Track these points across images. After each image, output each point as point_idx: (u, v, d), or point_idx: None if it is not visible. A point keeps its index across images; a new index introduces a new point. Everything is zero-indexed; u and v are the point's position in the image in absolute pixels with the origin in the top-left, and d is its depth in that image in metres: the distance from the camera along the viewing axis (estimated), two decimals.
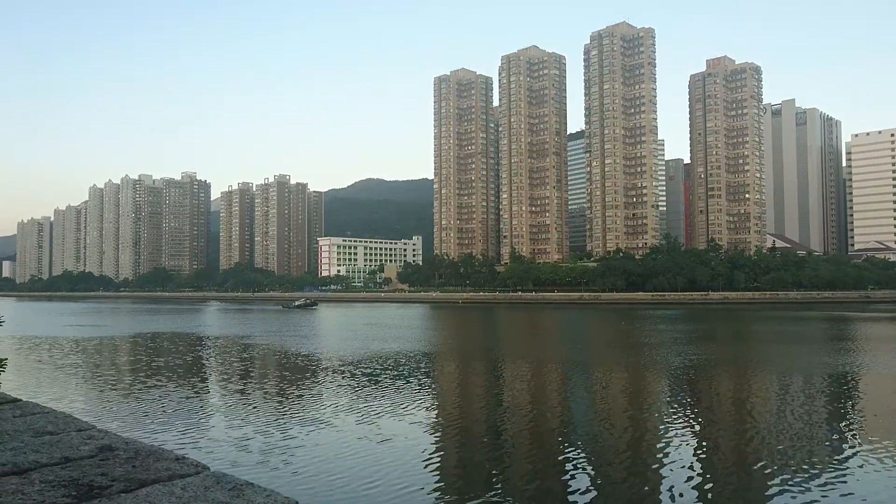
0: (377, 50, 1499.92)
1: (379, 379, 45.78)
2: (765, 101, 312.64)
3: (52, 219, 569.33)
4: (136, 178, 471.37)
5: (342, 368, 51.61)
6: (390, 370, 50.26)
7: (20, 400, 4.61)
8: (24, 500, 2.74)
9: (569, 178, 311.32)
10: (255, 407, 35.81)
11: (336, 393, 39.95)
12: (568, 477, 22.92)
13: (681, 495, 20.48)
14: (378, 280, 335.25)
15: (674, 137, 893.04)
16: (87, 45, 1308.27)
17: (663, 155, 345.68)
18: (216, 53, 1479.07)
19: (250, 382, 45.80)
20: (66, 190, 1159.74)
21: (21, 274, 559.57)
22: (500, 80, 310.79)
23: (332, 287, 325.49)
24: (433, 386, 45.30)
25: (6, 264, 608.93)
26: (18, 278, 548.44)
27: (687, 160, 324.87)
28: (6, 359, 20.76)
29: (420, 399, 38.22)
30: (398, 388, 41.62)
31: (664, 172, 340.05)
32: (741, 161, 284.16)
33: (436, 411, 35.39)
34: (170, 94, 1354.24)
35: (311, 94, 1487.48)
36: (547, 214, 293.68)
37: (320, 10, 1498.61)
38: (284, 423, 31.08)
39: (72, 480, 2.97)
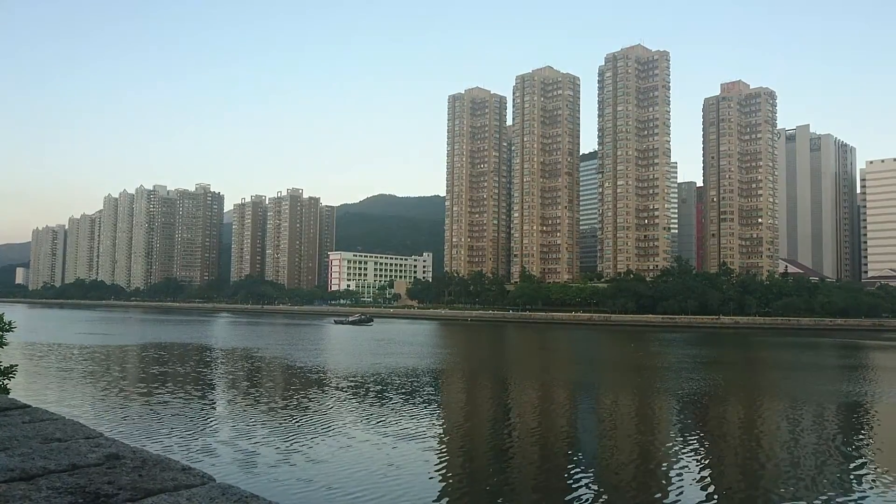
0: (393, 67, 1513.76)
1: (386, 394, 45.68)
2: (779, 126, 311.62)
3: (66, 227, 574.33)
4: (151, 188, 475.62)
5: (350, 383, 51.56)
6: (398, 386, 50.14)
7: (29, 406, 4.69)
8: None
9: (580, 198, 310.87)
10: (261, 419, 35.82)
11: (342, 407, 39.90)
12: (573, 499, 22.73)
13: None
14: (388, 296, 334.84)
15: (687, 160, 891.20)
16: (104, 57, 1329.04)
17: (676, 177, 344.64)
18: (233, 68, 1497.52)
19: (257, 394, 45.83)
20: (81, 199, 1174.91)
21: (34, 281, 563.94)
22: (513, 100, 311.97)
23: (342, 301, 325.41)
24: (440, 403, 45.16)
25: (20, 271, 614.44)
26: (31, 285, 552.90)
27: (700, 183, 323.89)
28: (17, 365, 20.95)
29: (426, 416, 38.10)
30: (405, 404, 41.51)
31: (676, 195, 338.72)
32: (754, 185, 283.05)
33: (442, 429, 35.26)
34: (186, 106, 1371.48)
35: (326, 109, 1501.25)
36: (558, 234, 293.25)
37: (337, 26, 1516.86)
38: (290, 436, 31.06)
39: (79, 488, 2.98)
